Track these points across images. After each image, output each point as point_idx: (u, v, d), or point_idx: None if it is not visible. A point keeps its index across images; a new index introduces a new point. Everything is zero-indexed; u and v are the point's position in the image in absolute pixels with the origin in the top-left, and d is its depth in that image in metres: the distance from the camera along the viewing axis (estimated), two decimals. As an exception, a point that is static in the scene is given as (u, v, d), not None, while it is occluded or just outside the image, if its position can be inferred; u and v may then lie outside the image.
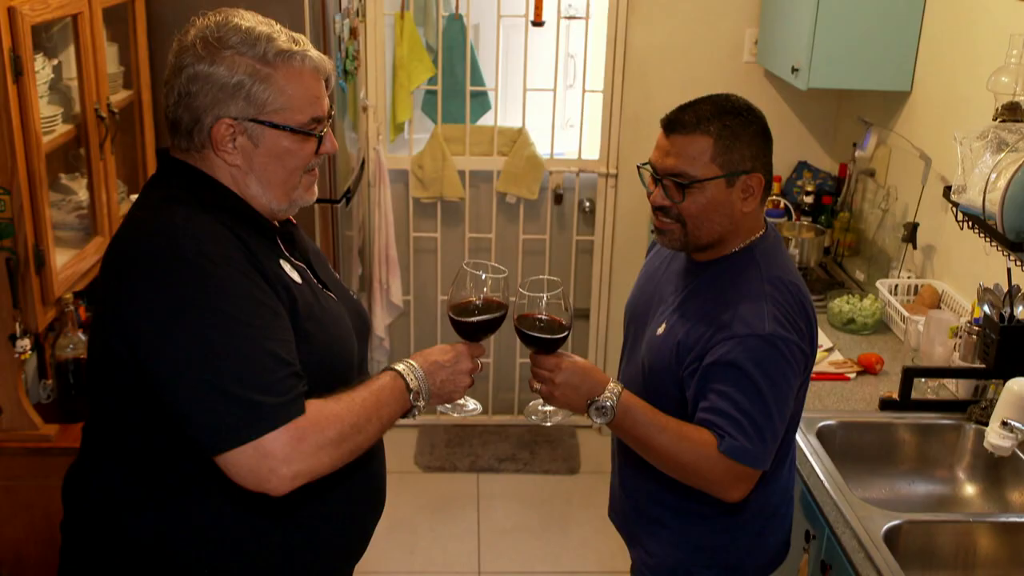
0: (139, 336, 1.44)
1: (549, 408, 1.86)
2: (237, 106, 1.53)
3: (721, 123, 1.80)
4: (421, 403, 1.64)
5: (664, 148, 1.84)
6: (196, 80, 1.52)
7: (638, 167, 1.96)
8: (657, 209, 1.87)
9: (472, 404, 1.83)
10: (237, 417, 1.40)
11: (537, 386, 1.81)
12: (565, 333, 1.79)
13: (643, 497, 2.02)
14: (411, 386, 1.61)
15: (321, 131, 1.61)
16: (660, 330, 1.91)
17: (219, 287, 1.45)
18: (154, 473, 1.56)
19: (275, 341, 1.47)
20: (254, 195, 1.60)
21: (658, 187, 1.86)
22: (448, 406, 1.78)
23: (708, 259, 1.91)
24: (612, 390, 1.77)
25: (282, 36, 1.56)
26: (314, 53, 1.59)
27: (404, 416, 1.63)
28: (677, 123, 1.82)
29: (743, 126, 1.81)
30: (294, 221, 1.75)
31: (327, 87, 1.63)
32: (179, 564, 1.58)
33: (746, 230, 1.88)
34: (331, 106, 1.65)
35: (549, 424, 1.89)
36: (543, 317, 1.78)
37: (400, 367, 1.63)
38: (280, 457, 1.41)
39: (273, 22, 1.59)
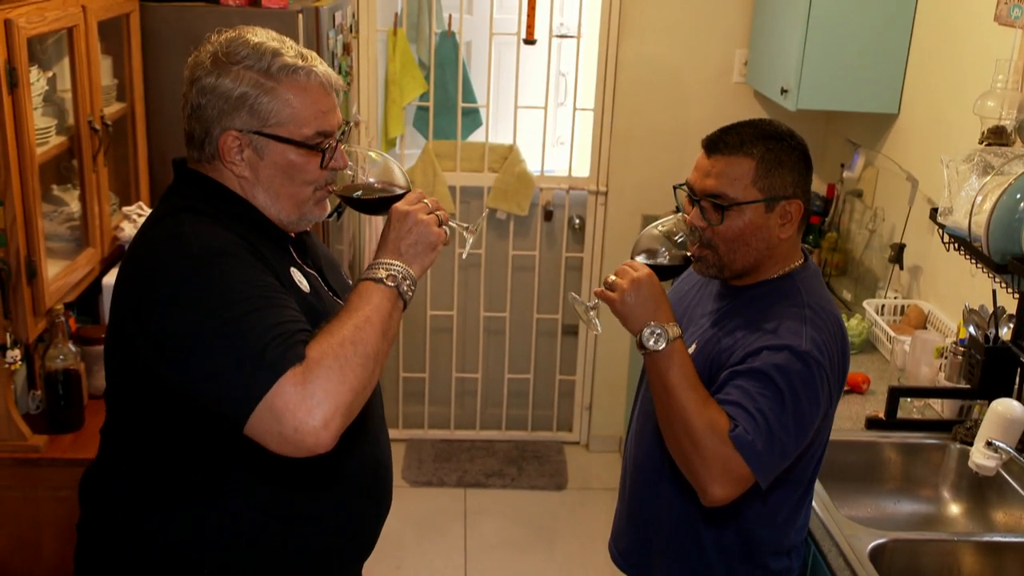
0: (162, 338, 1.46)
1: (595, 310, 1.86)
2: (241, 118, 1.55)
3: (764, 147, 1.76)
4: (400, 279, 1.56)
5: (704, 168, 1.80)
6: (205, 92, 1.56)
7: (675, 187, 1.91)
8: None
9: (455, 226, 1.70)
10: (243, 381, 1.39)
11: (613, 278, 1.79)
12: (681, 265, 1.86)
13: (658, 528, 1.97)
14: (380, 276, 1.55)
15: (326, 145, 1.61)
16: (691, 349, 1.86)
17: (222, 273, 1.47)
18: (171, 476, 1.59)
19: (277, 308, 1.46)
20: (262, 205, 1.62)
21: (695, 208, 1.82)
22: (466, 240, 1.73)
23: (746, 284, 1.87)
24: (673, 330, 1.73)
25: (290, 51, 1.58)
26: (321, 68, 1.60)
27: (404, 307, 1.57)
28: (720, 143, 1.78)
29: (786, 151, 1.78)
30: (308, 228, 1.76)
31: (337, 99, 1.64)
32: (192, 563, 1.60)
33: (782, 257, 1.85)
34: (346, 121, 1.66)
35: (586, 319, 1.88)
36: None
37: (372, 272, 1.57)
38: (293, 408, 1.37)
39: (285, 38, 1.61)
